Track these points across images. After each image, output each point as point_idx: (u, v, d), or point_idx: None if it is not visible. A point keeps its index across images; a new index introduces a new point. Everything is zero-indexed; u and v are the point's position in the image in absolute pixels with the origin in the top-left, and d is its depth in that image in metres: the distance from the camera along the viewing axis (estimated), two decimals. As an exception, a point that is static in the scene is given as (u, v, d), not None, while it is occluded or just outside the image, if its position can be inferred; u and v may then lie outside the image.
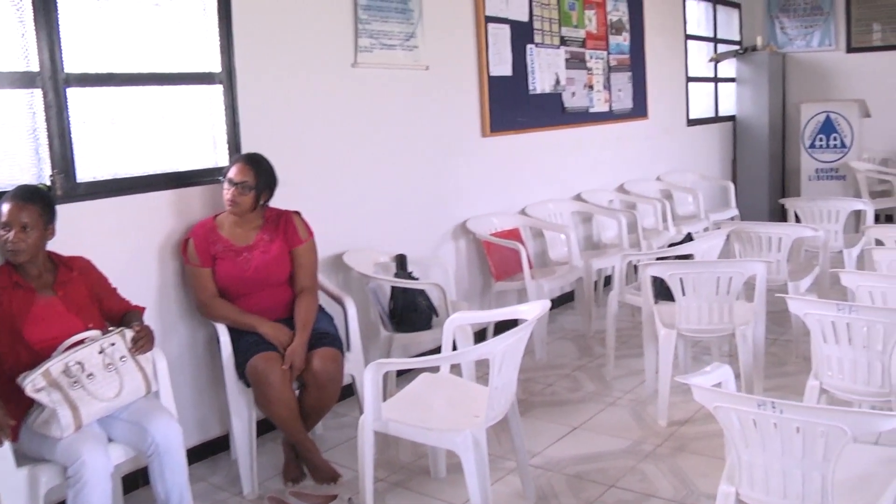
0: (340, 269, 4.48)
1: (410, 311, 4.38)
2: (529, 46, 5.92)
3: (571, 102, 6.43)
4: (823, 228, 5.35)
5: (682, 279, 3.93)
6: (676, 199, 7.49)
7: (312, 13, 4.34)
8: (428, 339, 4.42)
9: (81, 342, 2.85)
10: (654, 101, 7.64)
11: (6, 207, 2.87)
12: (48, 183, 3.32)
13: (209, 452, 3.93)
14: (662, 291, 4.17)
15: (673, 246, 5.02)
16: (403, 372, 4.64)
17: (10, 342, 2.85)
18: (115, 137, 3.62)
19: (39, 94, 3.31)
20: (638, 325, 4.67)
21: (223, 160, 3.94)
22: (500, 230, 5.55)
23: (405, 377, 4.53)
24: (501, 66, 5.67)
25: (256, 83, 4.05)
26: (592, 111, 6.71)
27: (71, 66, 3.39)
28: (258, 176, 3.64)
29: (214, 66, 3.92)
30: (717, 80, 9.09)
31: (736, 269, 3.94)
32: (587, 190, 6.58)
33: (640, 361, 4.60)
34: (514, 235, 5.58)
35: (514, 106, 5.81)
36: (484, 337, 5.05)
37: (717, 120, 9.04)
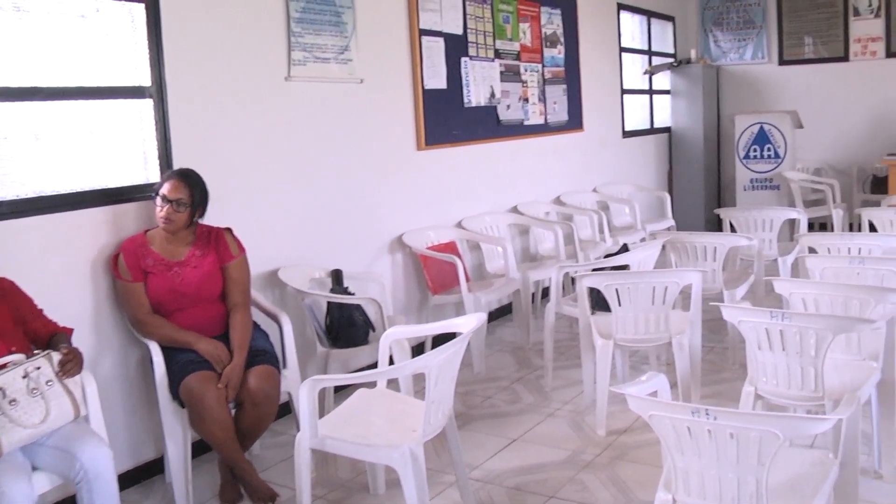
0: (275, 285, 4.42)
1: (347, 326, 4.34)
2: (464, 59, 5.94)
3: (506, 115, 6.46)
4: (758, 237, 5.46)
5: (617, 290, 3.96)
6: (613, 210, 7.56)
7: (245, 26, 4.28)
8: (365, 354, 4.39)
9: (4, 366, 2.74)
10: (589, 113, 7.71)
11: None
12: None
13: (143, 476, 3.83)
14: (599, 302, 4.21)
15: (609, 257, 5.06)
16: (341, 388, 4.59)
17: (-73, 367, 2.74)
18: (39, 154, 3.52)
19: (-42, 109, 3.21)
20: (576, 336, 4.70)
21: (154, 176, 3.86)
22: (436, 243, 5.55)
23: (343, 393, 4.48)
24: (436, 79, 5.68)
25: (188, 97, 3.99)
26: (528, 124, 6.76)
27: (-8, 80, 3.29)
28: (193, 192, 3.58)
29: (144, 79, 3.84)
30: (651, 92, 9.23)
31: (671, 278, 3.98)
32: (524, 202, 6.61)
33: (578, 372, 4.62)
34: (450, 249, 5.58)
35: (449, 119, 5.81)
36: (422, 351, 5.01)
37: (652, 132, 9.18)
